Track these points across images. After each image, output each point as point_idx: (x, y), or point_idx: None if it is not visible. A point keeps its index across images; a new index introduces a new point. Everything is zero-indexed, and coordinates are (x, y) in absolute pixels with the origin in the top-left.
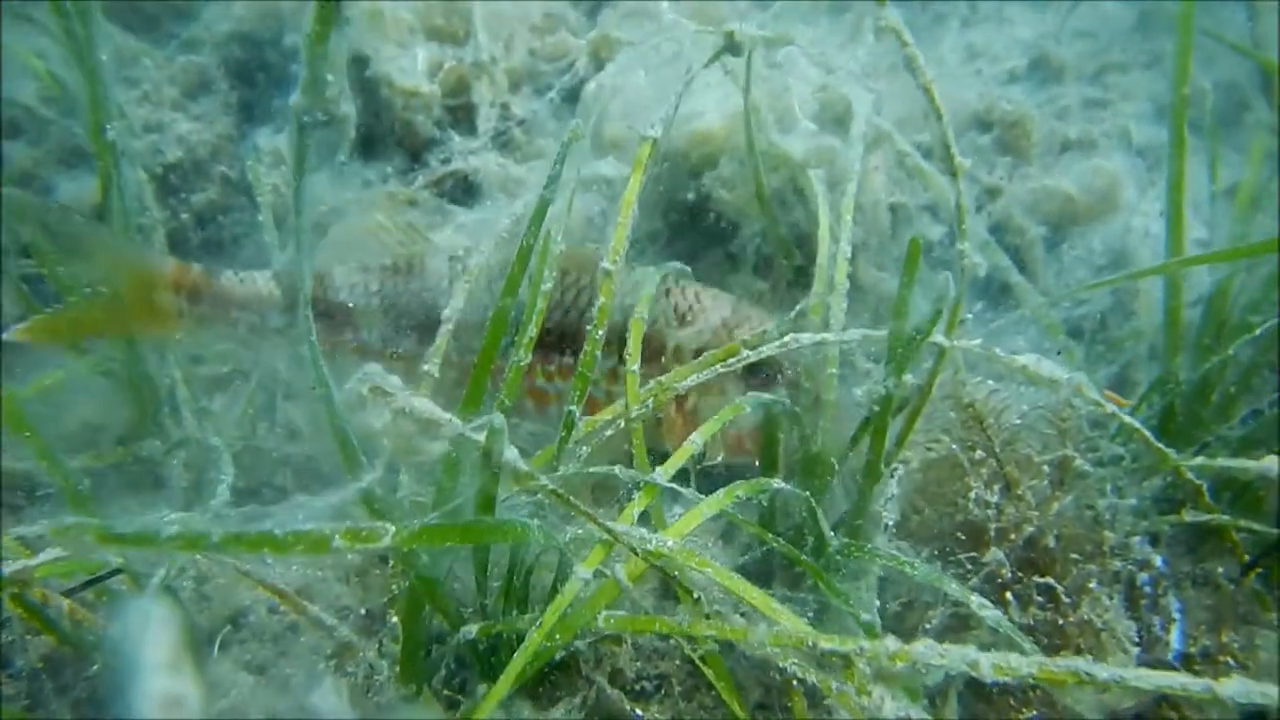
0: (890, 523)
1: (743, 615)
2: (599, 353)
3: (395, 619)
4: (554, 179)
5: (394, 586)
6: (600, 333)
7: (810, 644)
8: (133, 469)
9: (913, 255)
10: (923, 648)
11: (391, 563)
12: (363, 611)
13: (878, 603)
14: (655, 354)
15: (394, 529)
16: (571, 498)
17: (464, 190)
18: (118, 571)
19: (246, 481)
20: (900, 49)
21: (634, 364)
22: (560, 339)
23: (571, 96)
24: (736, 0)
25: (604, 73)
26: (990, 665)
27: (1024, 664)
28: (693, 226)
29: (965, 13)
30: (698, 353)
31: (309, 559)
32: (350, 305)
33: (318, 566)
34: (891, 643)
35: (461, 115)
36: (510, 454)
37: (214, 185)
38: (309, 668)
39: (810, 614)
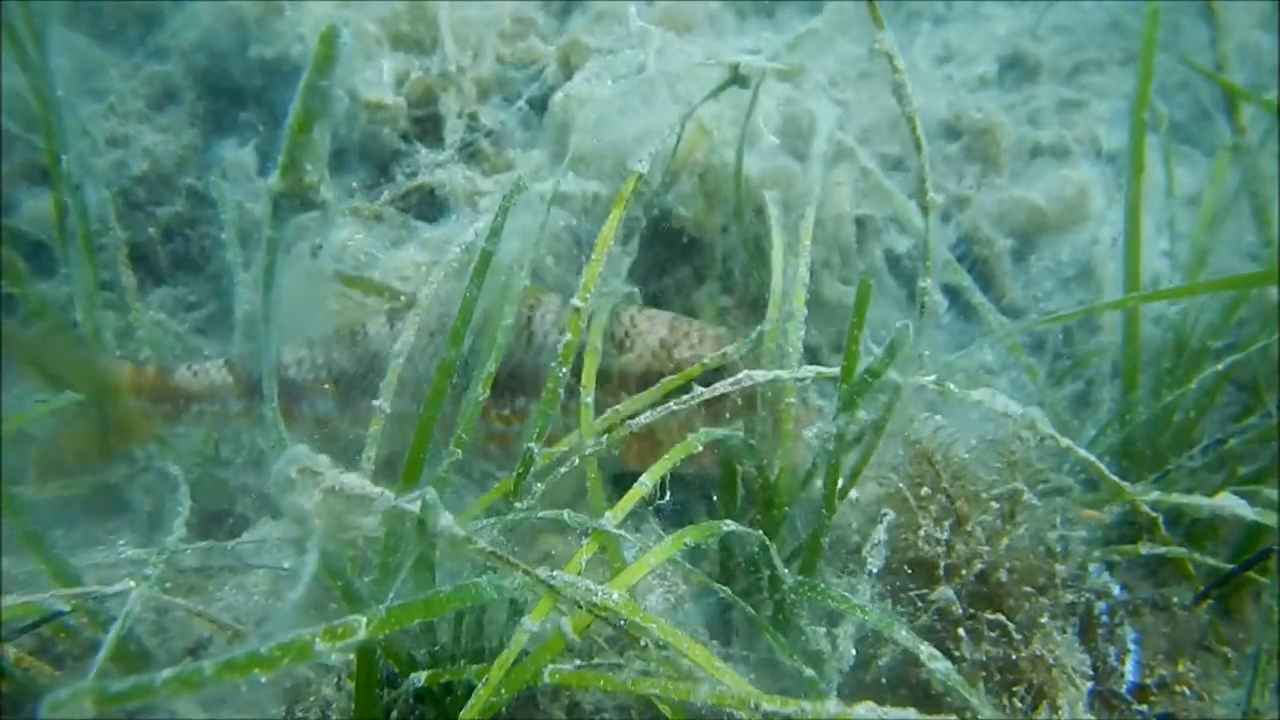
0: (875, 570)
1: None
2: (560, 389)
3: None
4: (495, 231)
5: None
6: (564, 370)
7: (753, 704)
8: (97, 496)
9: (862, 297)
10: (863, 710)
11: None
12: None
13: (854, 652)
14: (601, 382)
15: (365, 621)
16: (510, 556)
17: (430, 204)
18: (61, 614)
19: (208, 506)
20: (890, 74)
21: (588, 395)
22: (513, 382)
23: (540, 105)
24: (708, 1)
25: (571, 83)
26: None
27: None
28: (655, 243)
29: (941, 10)
30: (642, 376)
31: (295, 666)
32: (300, 381)
33: (277, 597)
34: (833, 706)
35: (429, 126)
36: (445, 521)
37: (180, 198)
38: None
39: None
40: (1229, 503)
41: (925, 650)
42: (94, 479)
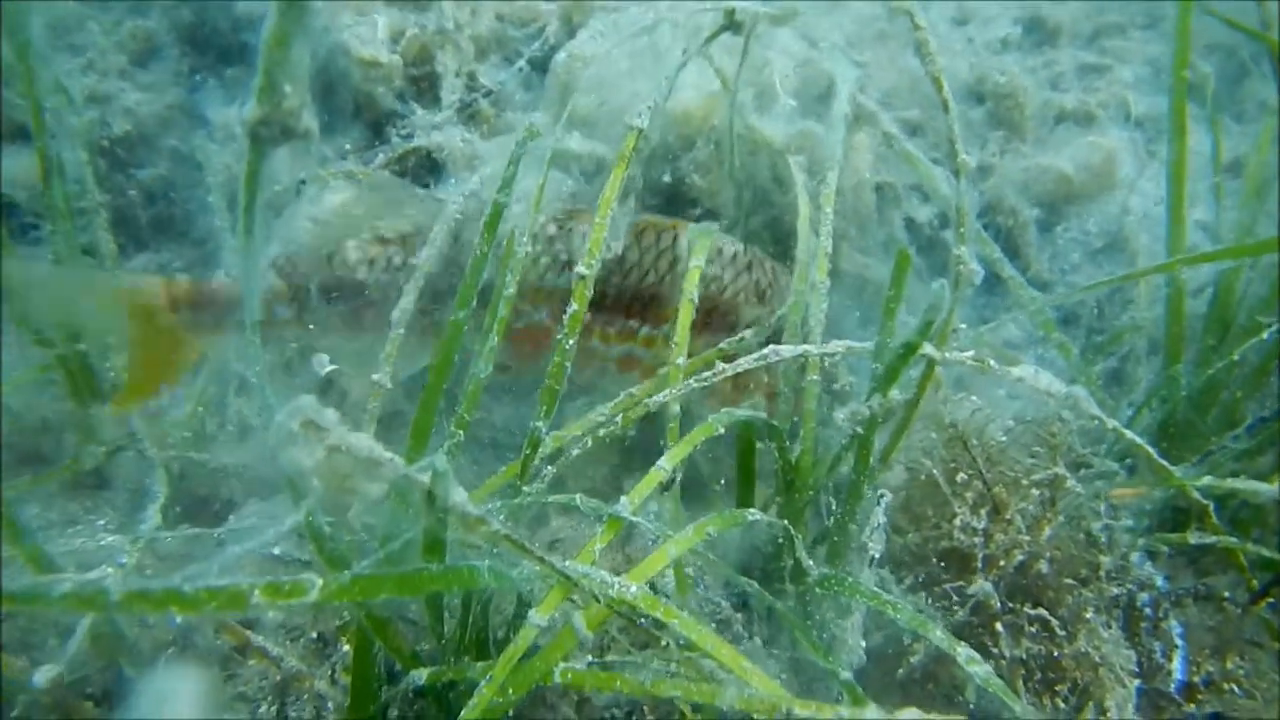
0: (876, 555)
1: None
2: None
3: (347, 646)
4: (508, 181)
5: (346, 611)
6: (572, 341)
7: (784, 711)
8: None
9: (900, 268)
10: (908, 715)
11: None
12: (314, 635)
13: (864, 643)
14: (729, 327)
15: (320, 582)
16: (525, 543)
17: (427, 168)
18: None
19: (194, 490)
20: (912, 32)
21: (680, 354)
22: (630, 301)
23: (541, 65)
24: None
25: (574, 41)
26: None
27: None
28: (670, 210)
29: None
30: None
31: (226, 614)
32: (368, 282)
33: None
34: (873, 712)
35: (425, 86)
36: (458, 497)
37: (164, 159)
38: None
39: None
40: None
41: (963, 652)
42: (71, 464)
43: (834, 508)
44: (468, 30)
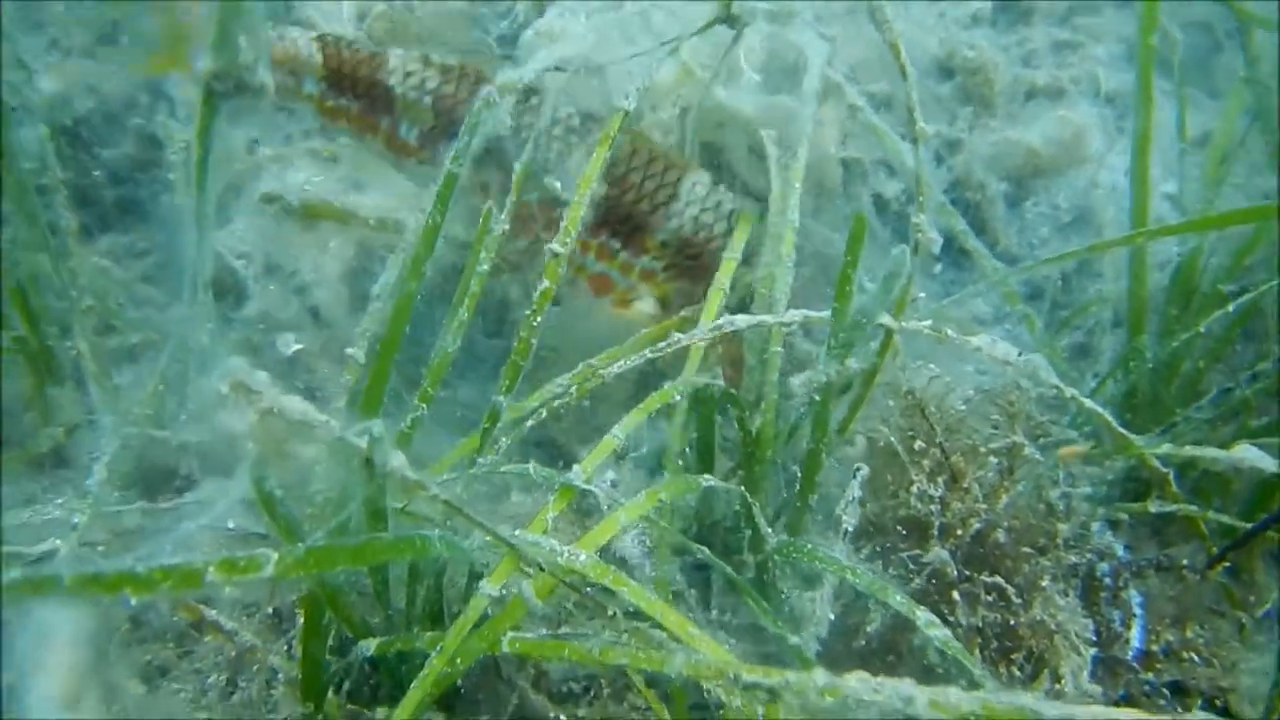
0: (850, 529)
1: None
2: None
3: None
4: (461, 151)
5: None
6: (539, 320)
7: (732, 676)
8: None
9: (856, 236)
10: (855, 683)
11: None
12: (269, 610)
13: (831, 615)
14: (706, 271)
15: (275, 557)
16: (466, 509)
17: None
18: None
19: (153, 467)
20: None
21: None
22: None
23: (511, 43)
24: None
25: (542, 19)
26: (927, 702)
27: (964, 701)
28: None
29: None
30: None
31: (182, 593)
32: (399, 93)
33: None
34: (821, 676)
35: None
36: (397, 461)
37: (128, 139)
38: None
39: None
40: (1248, 455)
41: (922, 616)
42: (26, 450)
43: (796, 478)
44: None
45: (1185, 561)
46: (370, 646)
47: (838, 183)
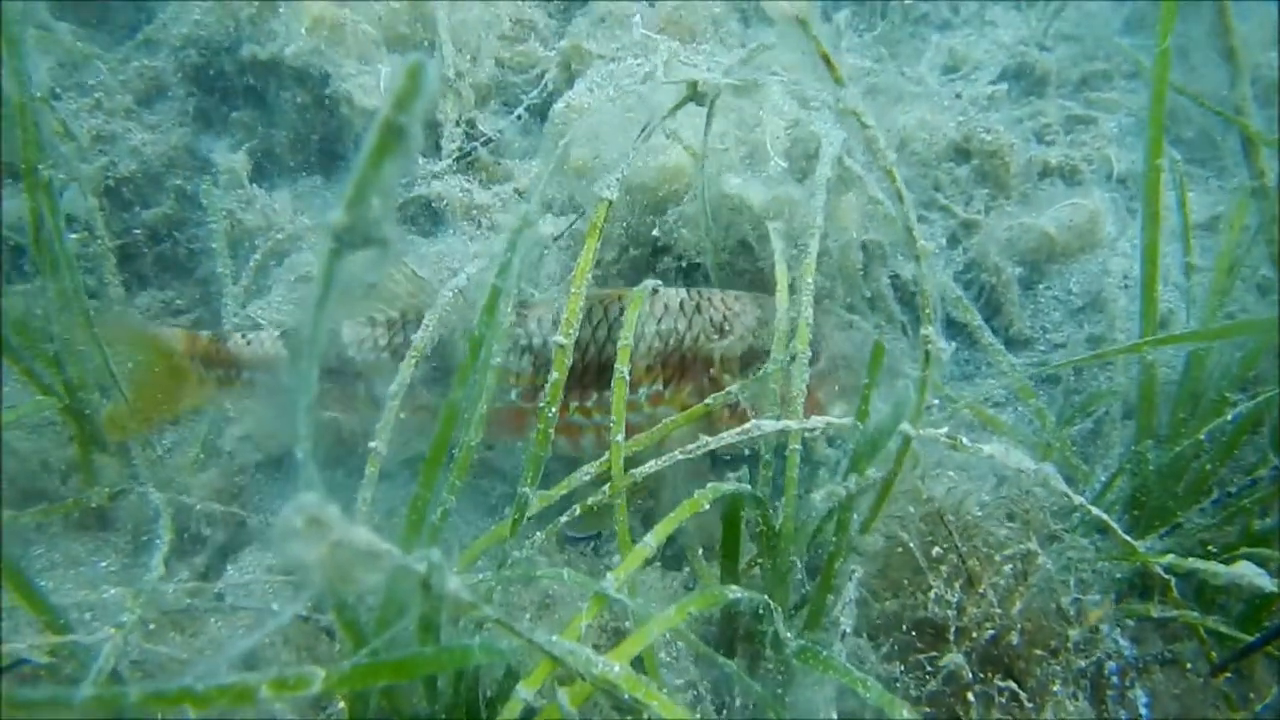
0: (847, 630)
1: None
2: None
3: (341, 704)
4: (505, 267)
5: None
6: (555, 410)
7: None
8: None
9: (875, 359)
10: None
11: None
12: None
13: (834, 716)
14: (704, 367)
15: (324, 673)
16: (512, 624)
17: (426, 216)
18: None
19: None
20: (860, 130)
21: (618, 432)
22: (595, 373)
23: (540, 112)
24: (712, 2)
25: (572, 91)
26: None
27: None
28: (654, 263)
29: (947, 14)
30: (743, 357)
31: (237, 710)
32: (359, 361)
33: (266, 637)
34: None
35: (425, 133)
36: (452, 585)
37: (168, 199)
38: None
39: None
40: (1246, 571)
41: None
42: (75, 501)
43: (814, 578)
44: (469, 79)
45: (1189, 664)
46: None
47: (858, 267)
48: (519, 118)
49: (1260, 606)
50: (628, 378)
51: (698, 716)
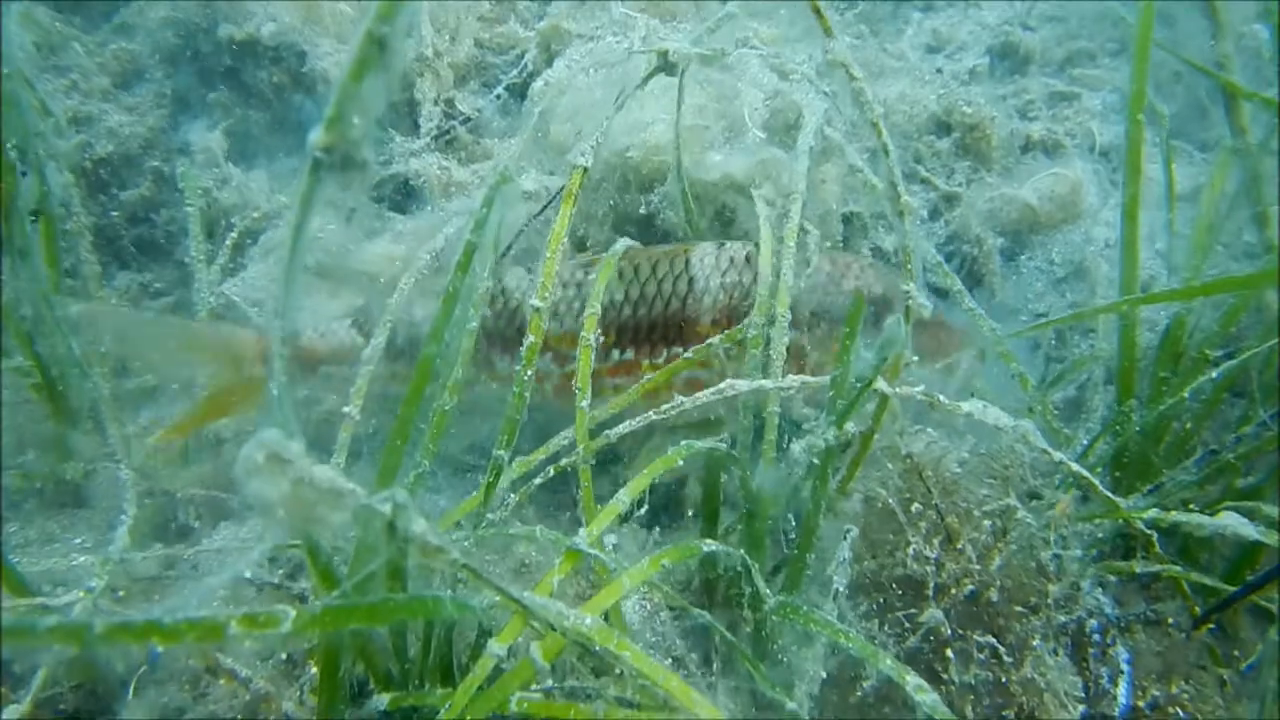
0: (841, 588)
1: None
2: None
3: (315, 668)
4: (480, 223)
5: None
6: (530, 373)
7: None
8: (54, 488)
9: (854, 312)
10: None
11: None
12: (283, 656)
13: (824, 674)
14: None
15: (294, 614)
16: (481, 571)
17: (404, 194)
18: None
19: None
20: (849, 82)
21: (584, 394)
22: (662, 330)
23: (519, 92)
24: None
25: (551, 70)
26: None
27: None
28: (644, 239)
29: None
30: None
31: (203, 645)
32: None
33: (238, 602)
34: None
35: (403, 112)
36: (418, 526)
37: (146, 180)
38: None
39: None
40: (1230, 521)
41: (911, 681)
42: (49, 473)
43: (793, 536)
44: (447, 58)
45: (1171, 619)
46: (384, 701)
47: (839, 237)
48: (498, 97)
49: (1242, 562)
50: (594, 346)
51: (668, 665)
